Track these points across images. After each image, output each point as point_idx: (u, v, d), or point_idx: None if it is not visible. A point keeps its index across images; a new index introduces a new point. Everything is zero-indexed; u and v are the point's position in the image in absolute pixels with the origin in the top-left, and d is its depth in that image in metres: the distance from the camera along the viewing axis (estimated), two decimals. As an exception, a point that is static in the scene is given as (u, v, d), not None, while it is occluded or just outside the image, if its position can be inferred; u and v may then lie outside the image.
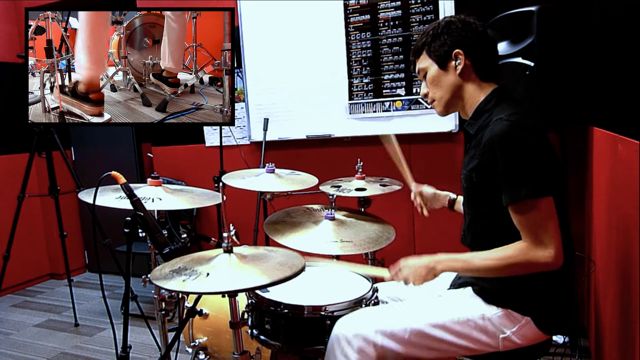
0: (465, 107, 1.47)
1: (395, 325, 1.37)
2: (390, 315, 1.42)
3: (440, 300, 1.47)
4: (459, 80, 1.44)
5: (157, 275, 1.29)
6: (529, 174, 1.25)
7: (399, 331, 1.36)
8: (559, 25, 2.11)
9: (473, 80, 1.43)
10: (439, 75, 1.46)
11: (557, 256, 1.25)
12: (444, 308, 1.41)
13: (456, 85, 1.45)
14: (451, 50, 1.42)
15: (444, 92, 1.47)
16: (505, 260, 1.29)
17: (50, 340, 3.11)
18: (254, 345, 1.57)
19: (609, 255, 1.89)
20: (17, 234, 3.10)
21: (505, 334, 1.35)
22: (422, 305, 1.45)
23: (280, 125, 3.31)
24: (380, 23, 2.99)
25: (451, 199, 1.79)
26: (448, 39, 1.42)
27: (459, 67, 1.42)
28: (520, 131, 1.27)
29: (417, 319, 1.38)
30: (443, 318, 1.38)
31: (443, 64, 1.44)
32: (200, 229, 3.76)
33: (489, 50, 1.44)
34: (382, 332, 1.36)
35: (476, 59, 1.42)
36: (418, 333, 1.36)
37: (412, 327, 1.36)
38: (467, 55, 1.41)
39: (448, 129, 2.88)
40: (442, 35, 1.43)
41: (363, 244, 1.80)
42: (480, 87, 1.43)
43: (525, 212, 1.26)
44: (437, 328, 1.36)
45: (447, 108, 1.50)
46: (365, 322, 1.39)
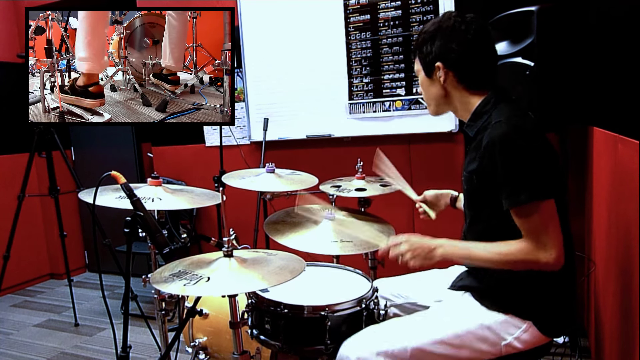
0: (458, 111, 1.47)
1: (395, 344, 1.35)
2: (391, 335, 1.39)
3: (438, 313, 1.46)
4: (444, 90, 1.44)
5: (157, 278, 1.29)
6: (530, 177, 1.25)
7: (400, 351, 1.34)
8: (559, 25, 2.11)
9: (459, 90, 1.42)
10: (426, 83, 1.47)
11: (559, 257, 1.25)
12: (442, 322, 1.40)
13: (441, 94, 1.45)
14: (433, 62, 1.41)
15: (431, 98, 1.49)
16: (506, 256, 1.29)
17: (50, 340, 3.11)
18: (254, 345, 1.57)
19: (609, 255, 1.89)
20: (17, 234, 3.10)
21: (506, 340, 1.34)
22: (422, 321, 1.43)
23: (280, 125, 3.31)
24: (380, 23, 2.99)
25: (453, 196, 1.78)
26: (433, 49, 1.41)
27: (441, 79, 1.41)
28: (519, 134, 1.26)
29: (416, 337, 1.36)
30: (442, 333, 1.36)
31: (429, 73, 1.45)
32: (200, 229, 3.76)
33: (476, 61, 1.39)
34: (384, 353, 1.34)
35: (460, 71, 1.40)
36: (419, 351, 1.35)
37: (412, 346, 1.35)
38: (448, 68, 1.40)
39: (448, 129, 2.88)
40: (430, 41, 1.41)
41: (363, 243, 1.80)
42: (469, 95, 1.42)
43: (527, 216, 1.26)
44: (438, 344, 1.35)
45: (437, 111, 1.51)
46: (366, 344, 1.38)
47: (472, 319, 1.38)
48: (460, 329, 1.36)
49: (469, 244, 1.38)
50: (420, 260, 1.38)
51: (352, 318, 1.47)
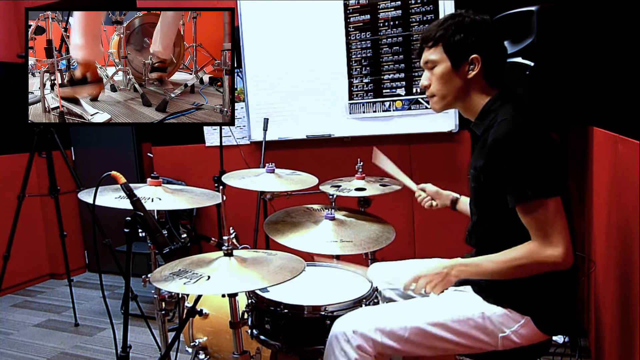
0: (466, 108, 1.47)
1: (394, 323, 1.37)
2: (390, 314, 1.41)
3: (440, 298, 1.47)
4: (468, 84, 1.42)
5: (157, 277, 1.29)
6: (535, 174, 1.25)
7: (399, 329, 1.36)
8: (559, 25, 2.10)
9: (481, 86, 1.42)
10: (449, 74, 1.42)
11: (567, 255, 1.25)
12: (444, 306, 1.41)
13: (463, 88, 1.43)
14: (469, 53, 1.38)
15: (449, 92, 1.44)
16: (515, 262, 1.29)
17: (50, 340, 3.11)
18: (254, 345, 1.57)
19: (609, 255, 1.88)
20: (17, 234, 3.10)
21: (504, 333, 1.35)
22: (422, 303, 1.45)
23: (280, 125, 3.31)
24: (380, 23, 2.99)
25: (454, 199, 1.78)
26: (470, 40, 1.37)
27: (472, 73, 1.39)
28: (524, 132, 1.27)
29: (416, 317, 1.38)
30: (443, 316, 1.37)
31: (457, 64, 1.40)
32: (200, 229, 3.76)
33: (502, 58, 1.42)
34: (382, 329, 1.35)
35: (490, 66, 1.40)
36: (417, 331, 1.36)
37: (411, 325, 1.36)
38: (483, 61, 1.38)
39: (448, 128, 2.88)
40: (464, 32, 1.37)
41: (363, 244, 1.80)
42: (485, 92, 1.43)
43: (533, 212, 1.26)
44: (437, 326, 1.36)
45: (445, 106, 1.48)
46: (364, 319, 1.39)
47: (473, 307, 1.39)
48: (461, 314, 1.37)
49: (477, 260, 1.38)
50: (442, 288, 1.40)
51: (352, 318, 1.47)
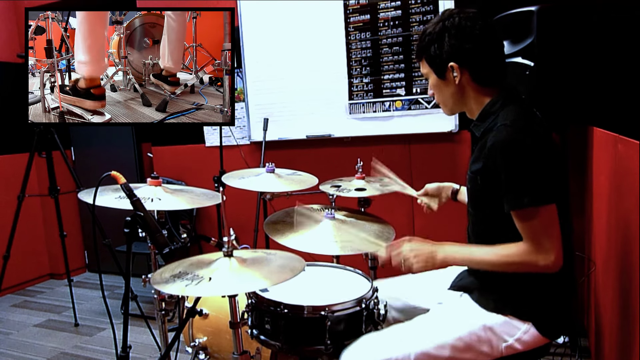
0: (469, 111, 1.46)
1: (399, 351, 1.34)
2: (393, 342, 1.38)
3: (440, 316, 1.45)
4: (459, 89, 1.42)
5: (157, 279, 1.29)
6: (532, 182, 1.25)
7: (404, 358, 1.34)
8: (559, 25, 2.11)
9: (473, 88, 1.41)
10: (439, 84, 1.44)
11: (557, 261, 1.26)
12: (445, 325, 1.39)
13: (458, 94, 1.43)
14: (446, 62, 1.38)
15: (446, 99, 1.46)
16: (506, 258, 1.30)
17: (50, 340, 3.11)
18: (254, 345, 1.57)
19: (609, 255, 1.88)
20: (17, 234, 3.10)
21: (507, 342, 1.34)
22: (423, 326, 1.42)
23: (280, 125, 3.31)
24: (380, 23, 2.99)
25: (454, 189, 1.78)
26: (441, 50, 1.37)
27: (457, 79, 1.39)
28: (523, 138, 1.26)
29: (420, 343, 1.36)
30: (445, 337, 1.35)
31: (441, 74, 1.41)
32: (200, 229, 3.76)
33: (489, 56, 1.38)
34: None
35: (473, 69, 1.38)
36: (424, 356, 1.34)
37: (416, 351, 1.34)
38: (462, 67, 1.37)
39: (448, 129, 2.88)
40: (435, 43, 1.38)
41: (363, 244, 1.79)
42: (482, 93, 1.41)
43: (528, 220, 1.26)
44: (442, 348, 1.35)
45: (453, 111, 1.50)
46: (368, 353, 1.37)
47: (474, 320, 1.37)
48: (463, 331, 1.36)
49: (470, 248, 1.38)
50: (422, 264, 1.39)
51: (352, 318, 1.46)
